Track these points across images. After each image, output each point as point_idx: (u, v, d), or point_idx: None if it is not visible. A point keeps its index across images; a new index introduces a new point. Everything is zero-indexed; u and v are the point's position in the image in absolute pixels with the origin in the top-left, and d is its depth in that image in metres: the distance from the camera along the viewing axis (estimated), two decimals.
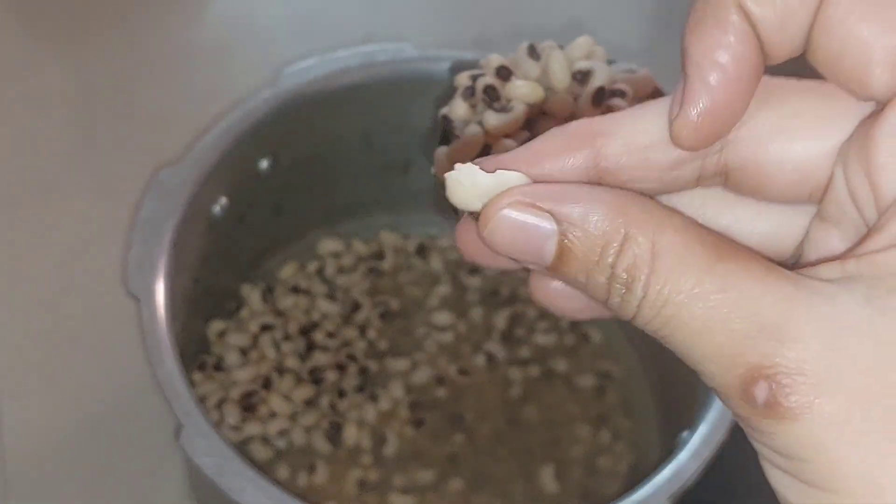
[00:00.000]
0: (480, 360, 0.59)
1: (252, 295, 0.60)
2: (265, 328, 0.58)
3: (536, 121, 0.39)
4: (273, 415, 0.56)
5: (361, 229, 0.64)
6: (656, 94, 0.41)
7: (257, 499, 0.42)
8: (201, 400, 0.54)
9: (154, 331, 0.46)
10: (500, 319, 0.61)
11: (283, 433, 0.56)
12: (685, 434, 0.47)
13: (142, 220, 0.50)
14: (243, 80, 0.66)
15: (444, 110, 0.40)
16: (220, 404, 0.55)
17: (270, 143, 0.56)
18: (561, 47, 0.40)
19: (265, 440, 0.55)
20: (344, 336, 0.60)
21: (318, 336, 0.59)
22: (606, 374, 0.60)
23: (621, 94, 0.39)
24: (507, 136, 0.38)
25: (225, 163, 0.53)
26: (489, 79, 0.39)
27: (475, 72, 0.40)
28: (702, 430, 0.46)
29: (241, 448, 0.55)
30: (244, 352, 0.58)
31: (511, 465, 0.56)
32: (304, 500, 0.42)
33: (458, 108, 0.39)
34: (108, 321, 0.62)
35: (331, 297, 0.61)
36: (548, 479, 0.55)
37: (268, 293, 0.60)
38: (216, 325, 0.58)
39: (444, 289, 0.62)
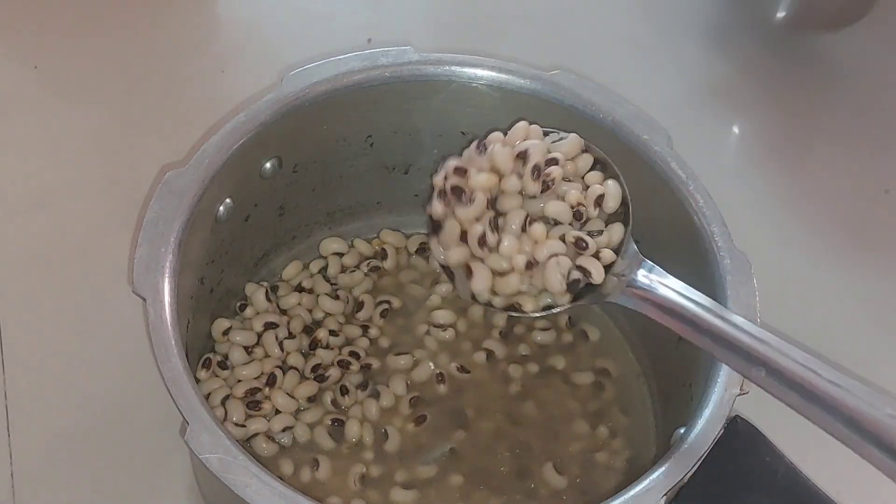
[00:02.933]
0: (480, 357, 0.60)
1: (256, 294, 0.60)
2: (269, 326, 0.59)
3: (497, 200, 0.49)
4: (277, 412, 0.56)
5: (364, 229, 0.65)
6: (589, 151, 0.50)
7: (261, 494, 0.42)
8: (206, 397, 0.55)
9: (160, 329, 0.46)
10: (500, 318, 0.61)
11: (286, 430, 0.56)
12: (681, 431, 0.47)
13: (148, 220, 0.50)
14: (248, 84, 0.66)
15: (429, 209, 0.49)
16: (224, 401, 0.56)
17: (274, 146, 0.56)
18: (504, 133, 0.49)
19: (269, 436, 0.56)
20: (346, 334, 0.60)
21: (321, 334, 0.59)
22: (604, 372, 0.60)
23: (555, 161, 0.48)
24: (477, 220, 0.48)
25: (230, 165, 0.53)
26: (454, 180, 0.48)
27: (447, 170, 0.49)
28: (698, 426, 0.46)
29: (246, 444, 0.55)
30: (248, 350, 0.58)
31: (510, 460, 0.56)
32: (307, 495, 0.43)
33: (437, 208, 0.49)
34: (115, 320, 0.62)
35: (334, 295, 0.62)
36: (546, 474, 0.56)
37: (272, 292, 0.61)
38: (221, 324, 0.58)
39: (444, 288, 0.62)
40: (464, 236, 0.48)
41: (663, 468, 0.45)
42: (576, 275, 0.47)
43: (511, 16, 0.83)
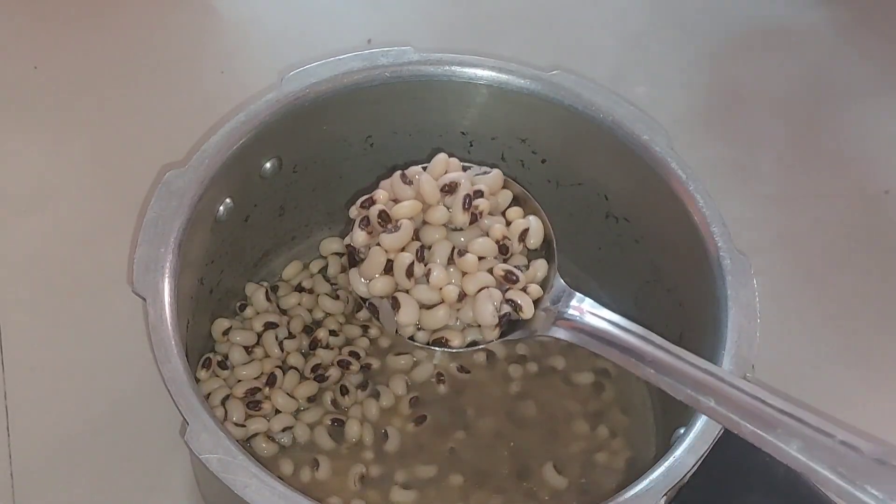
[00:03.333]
0: (480, 357, 0.60)
1: (256, 294, 0.60)
2: (269, 326, 0.59)
3: (422, 230, 0.49)
4: (277, 411, 0.56)
5: None
6: (507, 186, 0.51)
7: (261, 494, 0.42)
8: (206, 397, 0.55)
9: (160, 329, 0.46)
10: None
11: (286, 430, 0.56)
12: (681, 431, 0.47)
13: (148, 220, 0.50)
14: (248, 83, 0.66)
15: (347, 240, 0.49)
16: (224, 401, 0.56)
17: (274, 146, 0.56)
18: (424, 168, 0.50)
19: (269, 436, 0.56)
20: (346, 334, 0.61)
21: (321, 334, 0.59)
22: (604, 372, 0.60)
23: (481, 193, 0.49)
24: (402, 250, 0.47)
25: (229, 165, 0.53)
26: (380, 206, 0.48)
27: (362, 200, 0.49)
28: (697, 426, 0.46)
29: (246, 444, 0.56)
30: (248, 350, 0.58)
31: (510, 460, 0.56)
32: (307, 495, 0.42)
33: (358, 237, 0.48)
34: (115, 320, 0.62)
35: (334, 295, 0.62)
36: (546, 474, 0.56)
37: (272, 292, 0.61)
38: (221, 324, 0.58)
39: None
40: (388, 267, 0.48)
41: (663, 468, 0.45)
42: (506, 308, 0.48)
43: (511, 16, 0.84)
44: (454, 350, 0.49)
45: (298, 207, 0.62)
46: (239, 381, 0.57)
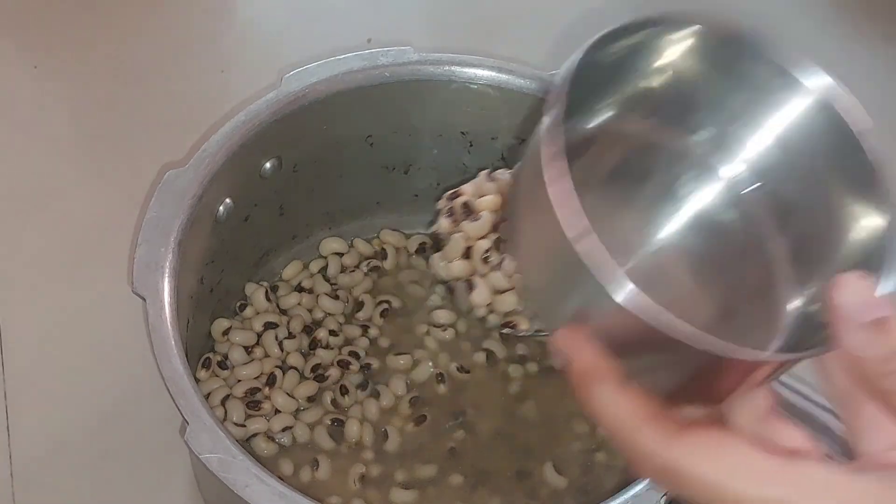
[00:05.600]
0: (480, 357, 0.60)
1: (256, 294, 0.60)
2: (269, 326, 0.59)
3: (501, 225, 0.49)
4: (277, 411, 0.56)
5: (363, 229, 0.65)
6: None
7: (261, 494, 0.42)
8: (206, 397, 0.55)
9: (160, 329, 0.47)
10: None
11: (286, 429, 0.56)
12: None
13: (148, 220, 0.50)
14: (248, 84, 0.66)
15: (434, 228, 0.50)
16: (224, 401, 0.56)
17: (274, 146, 0.56)
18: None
19: (269, 436, 0.56)
20: (346, 334, 0.61)
21: (321, 334, 0.59)
22: None
23: None
24: (481, 238, 0.48)
25: (230, 165, 0.53)
26: (465, 198, 0.49)
27: (449, 193, 0.50)
28: None
29: (246, 444, 0.56)
30: (248, 349, 0.58)
31: (510, 460, 0.56)
32: (307, 495, 0.43)
33: (443, 224, 0.49)
34: (115, 319, 0.62)
35: (334, 295, 0.62)
36: (546, 474, 0.56)
37: (272, 292, 0.61)
38: (221, 324, 0.58)
39: (444, 287, 0.62)
40: (467, 252, 0.49)
41: None
42: None
43: (511, 16, 0.83)
44: (521, 334, 0.49)
45: (298, 207, 0.62)
46: (239, 381, 0.57)
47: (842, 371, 0.32)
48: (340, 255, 0.63)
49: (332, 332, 0.60)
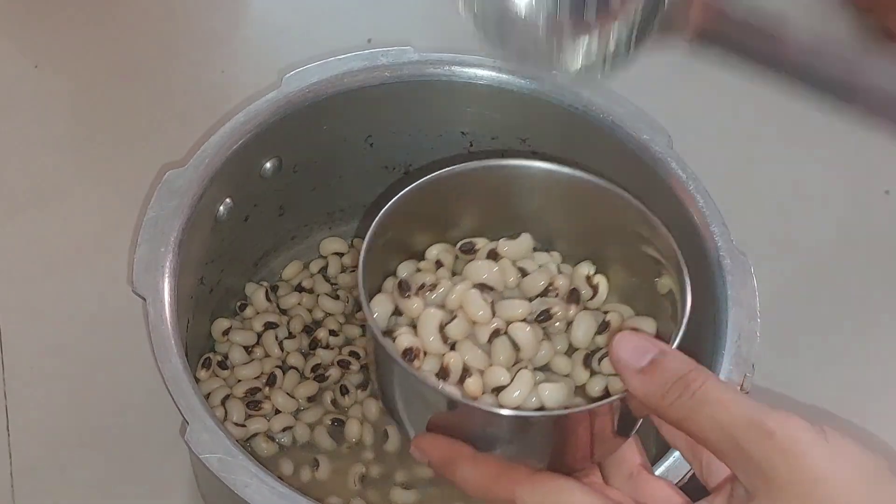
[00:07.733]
0: None
1: (256, 294, 0.60)
2: (269, 326, 0.59)
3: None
4: (277, 411, 0.56)
5: (364, 229, 0.65)
6: None
7: (261, 494, 0.42)
8: (206, 397, 0.55)
9: (160, 329, 0.47)
10: None
11: (286, 429, 0.56)
12: None
13: (148, 220, 0.50)
14: (248, 84, 0.66)
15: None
16: (224, 401, 0.56)
17: (274, 145, 0.56)
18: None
19: (269, 436, 0.56)
20: (346, 334, 0.61)
21: (321, 334, 0.59)
22: None
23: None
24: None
25: (230, 164, 0.53)
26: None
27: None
28: None
29: (246, 444, 0.56)
30: (248, 349, 0.58)
31: None
32: (307, 495, 0.43)
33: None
34: (115, 319, 0.62)
35: (334, 295, 0.62)
36: None
37: (272, 292, 0.61)
38: (221, 324, 0.59)
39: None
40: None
41: (663, 468, 0.45)
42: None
43: None
44: None
45: (298, 207, 0.62)
46: (239, 380, 0.57)
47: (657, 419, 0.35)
48: (340, 255, 0.63)
49: (333, 332, 0.60)
